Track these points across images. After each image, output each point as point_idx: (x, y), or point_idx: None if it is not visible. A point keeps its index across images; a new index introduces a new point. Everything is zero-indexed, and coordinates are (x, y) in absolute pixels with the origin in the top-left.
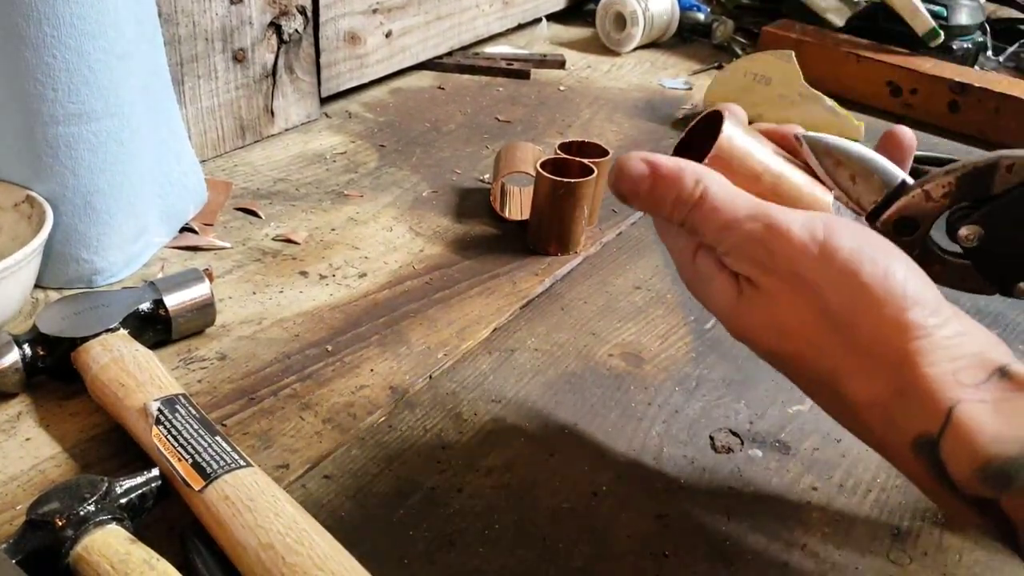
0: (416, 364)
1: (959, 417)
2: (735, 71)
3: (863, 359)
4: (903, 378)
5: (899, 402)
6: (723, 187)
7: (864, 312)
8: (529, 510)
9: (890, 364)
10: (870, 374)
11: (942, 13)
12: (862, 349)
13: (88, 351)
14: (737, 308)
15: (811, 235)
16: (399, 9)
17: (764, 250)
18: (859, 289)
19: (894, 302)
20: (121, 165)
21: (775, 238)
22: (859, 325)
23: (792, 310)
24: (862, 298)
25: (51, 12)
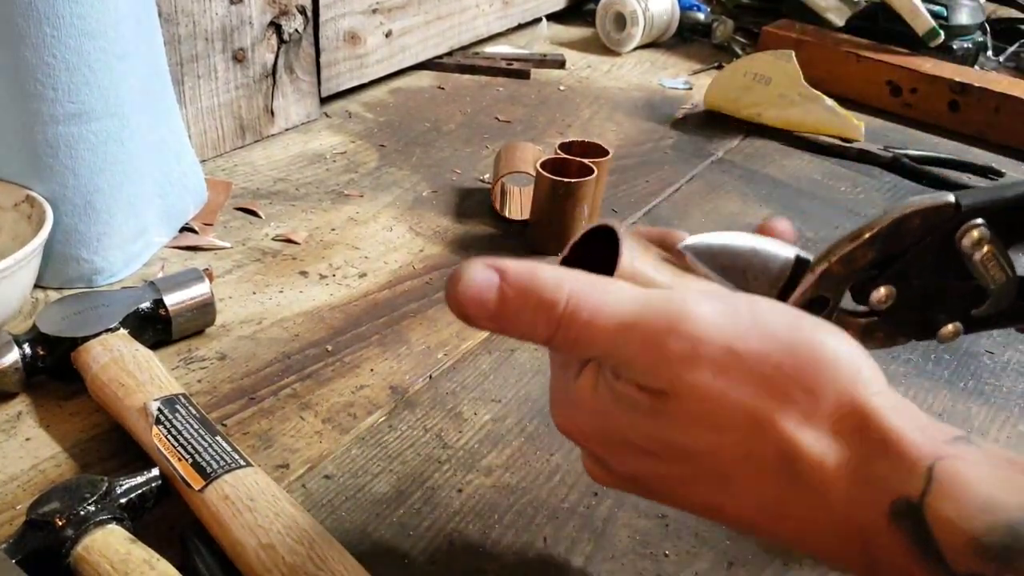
0: (416, 364)
1: (943, 475)
2: (735, 71)
3: (819, 424)
4: (869, 438)
5: (867, 468)
6: (594, 284)
7: (813, 374)
8: (529, 510)
9: (853, 425)
10: (830, 441)
11: (942, 13)
12: (819, 415)
13: (88, 351)
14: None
15: (734, 308)
16: (399, 9)
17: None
18: (806, 353)
19: (843, 365)
20: (121, 165)
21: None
22: (813, 389)
23: (728, 392)
24: (809, 362)
25: (51, 12)
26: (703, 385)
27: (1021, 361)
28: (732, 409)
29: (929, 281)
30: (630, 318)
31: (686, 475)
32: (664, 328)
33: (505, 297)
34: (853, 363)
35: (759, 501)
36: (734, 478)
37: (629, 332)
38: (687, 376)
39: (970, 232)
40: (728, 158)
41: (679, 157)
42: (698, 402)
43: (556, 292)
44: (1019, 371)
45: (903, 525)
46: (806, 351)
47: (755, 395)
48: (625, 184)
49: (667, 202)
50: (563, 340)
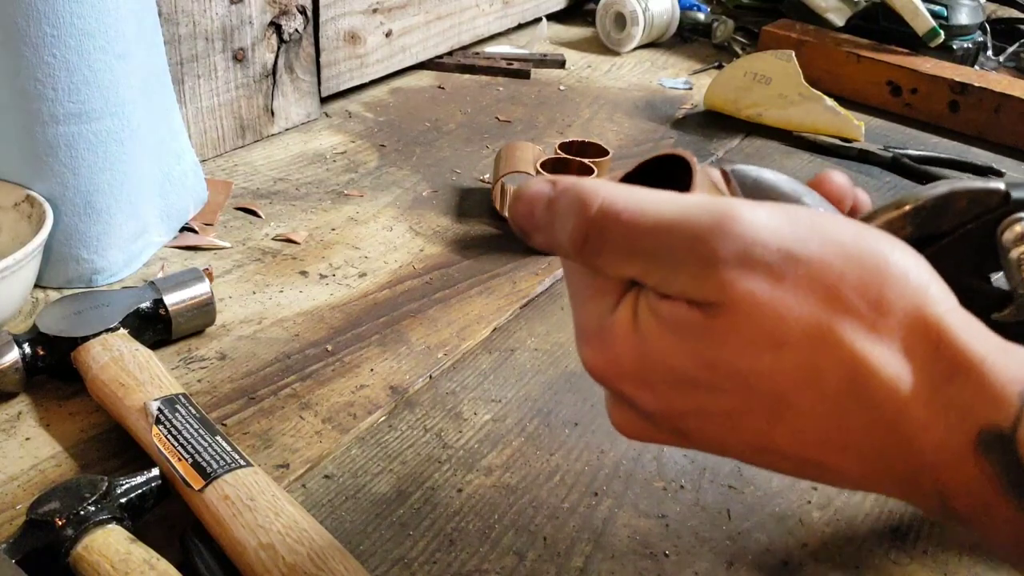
0: (416, 364)
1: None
2: (735, 71)
3: (890, 341)
4: (947, 359)
5: (947, 392)
6: (635, 191)
7: (880, 286)
8: (529, 510)
9: (927, 343)
10: (903, 360)
11: (942, 13)
12: (888, 330)
13: (88, 351)
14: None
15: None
16: (399, 9)
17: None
18: (872, 263)
19: (912, 279)
20: (121, 164)
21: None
22: (880, 303)
23: (787, 301)
24: (876, 272)
25: (51, 11)
26: (758, 294)
27: None
28: (792, 321)
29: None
30: (674, 217)
31: (737, 407)
32: (712, 228)
33: (551, 201)
34: (922, 277)
35: (820, 432)
36: (792, 405)
37: (672, 231)
38: (740, 283)
39: (1014, 226)
40: (728, 158)
41: None
42: (754, 314)
43: (593, 192)
44: None
45: (992, 458)
46: (871, 261)
47: (817, 305)
48: None
49: None
50: (598, 243)
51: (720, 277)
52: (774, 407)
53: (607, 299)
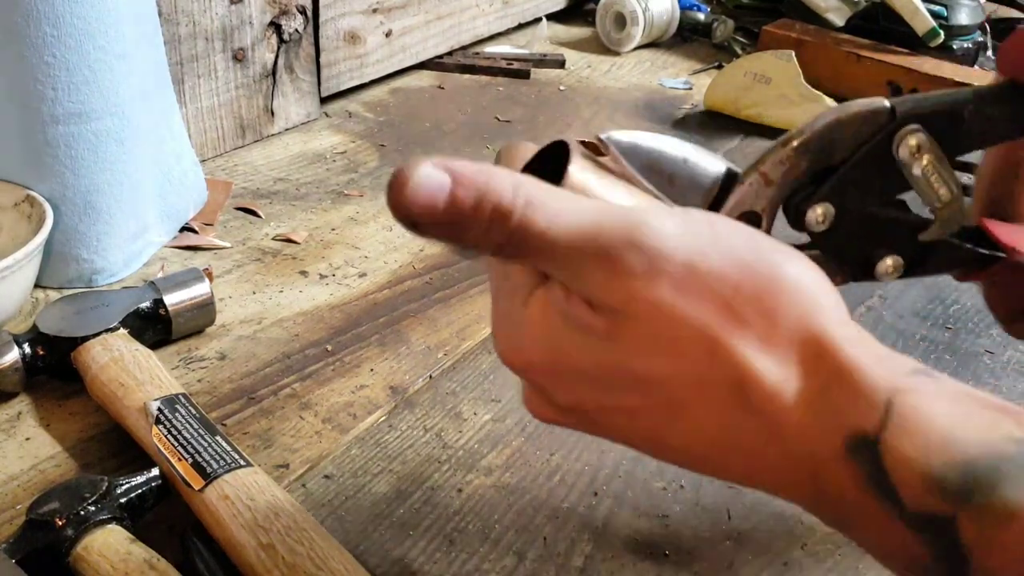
0: (416, 364)
1: (902, 409)
2: (735, 71)
3: (776, 351)
4: (827, 368)
5: (823, 399)
6: (552, 193)
7: (772, 298)
8: (529, 510)
9: (811, 353)
10: (786, 369)
11: (942, 13)
12: (776, 340)
13: (88, 351)
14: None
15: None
16: (399, 9)
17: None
18: (766, 276)
19: (804, 291)
20: (121, 164)
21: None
22: (770, 314)
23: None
24: (768, 285)
25: (51, 11)
26: (659, 302)
27: (1021, 361)
28: (688, 330)
29: (868, 203)
30: (588, 228)
31: (634, 406)
32: (623, 241)
33: (456, 200)
34: (813, 290)
35: (708, 433)
36: (684, 408)
37: (586, 243)
38: (644, 292)
39: (907, 139)
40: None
41: None
42: (653, 321)
43: (513, 198)
44: (1019, 371)
45: (858, 460)
46: (766, 274)
47: (712, 316)
48: None
49: None
50: (516, 249)
51: (626, 286)
52: (668, 409)
53: (519, 292)
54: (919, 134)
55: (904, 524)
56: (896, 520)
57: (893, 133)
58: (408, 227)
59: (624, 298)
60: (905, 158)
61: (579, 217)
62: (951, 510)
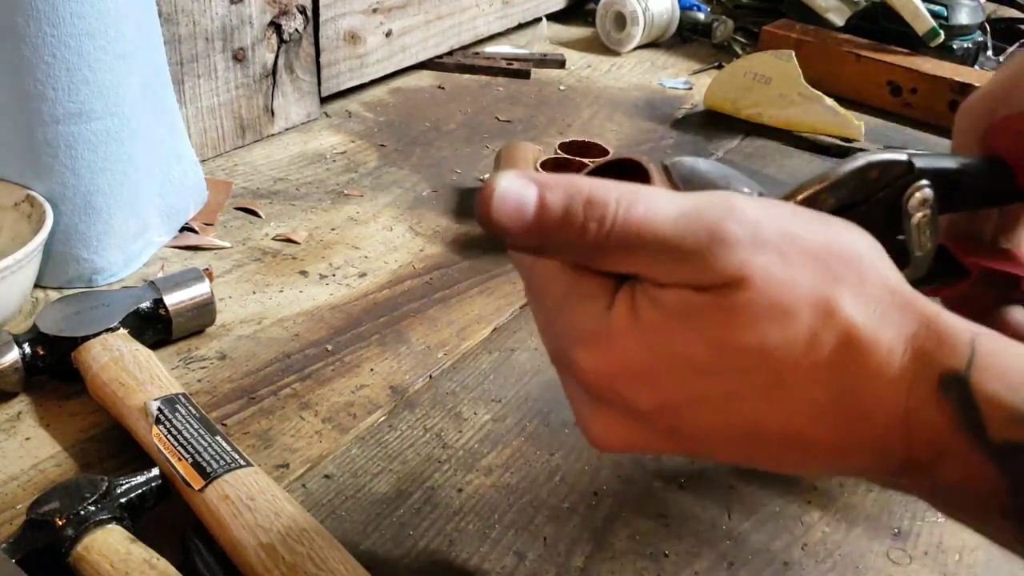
0: (416, 364)
1: (984, 350)
2: (735, 71)
3: (870, 301)
4: (915, 315)
5: (917, 342)
6: (640, 189)
7: (857, 259)
8: (529, 510)
9: (898, 303)
10: (882, 317)
11: (942, 13)
12: (868, 293)
13: (88, 351)
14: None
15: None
16: (399, 8)
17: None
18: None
19: (876, 254)
20: (121, 164)
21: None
22: (859, 271)
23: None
24: (849, 248)
25: (51, 11)
26: (771, 269)
27: None
28: (800, 293)
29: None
30: (689, 211)
31: (733, 390)
32: (725, 216)
33: (546, 204)
34: (882, 253)
35: (810, 402)
36: (788, 380)
37: (690, 224)
38: (754, 260)
39: (918, 192)
40: (728, 158)
41: None
42: (766, 287)
43: (606, 192)
44: None
45: (950, 397)
46: (845, 239)
47: (816, 277)
48: None
49: None
50: (619, 239)
51: (738, 257)
52: (769, 386)
53: (598, 300)
54: (927, 190)
55: (988, 456)
56: (982, 454)
57: (908, 185)
58: (501, 238)
59: (736, 268)
60: (911, 208)
61: (676, 204)
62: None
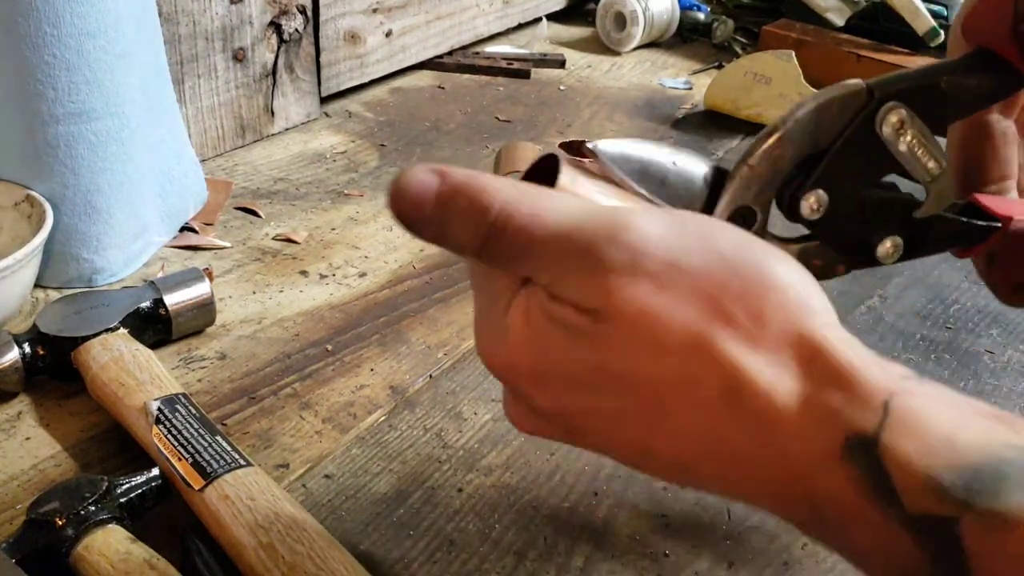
0: (416, 364)
1: (900, 410)
2: (735, 71)
3: (766, 351)
4: (820, 369)
5: (819, 400)
6: (536, 192)
7: (760, 298)
8: (529, 510)
9: (802, 355)
10: (778, 370)
11: (942, 13)
12: (765, 341)
13: (88, 350)
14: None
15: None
16: (399, 8)
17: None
18: (754, 276)
19: (792, 292)
20: (121, 164)
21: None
22: (759, 314)
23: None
24: (756, 285)
25: (51, 11)
26: (641, 300)
27: (1021, 361)
28: (672, 328)
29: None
30: (569, 225)
31: (618, 409)
32: (604, 237)
33: (440, 196)
34: (803, 291)
35: (696, 437)
36: (671, 411)
37: (567, 240)
38: (625, 290)
39: (889, 116)
40: (728, 158)
41: None
42: (637, 320)
43: (492, 195)
44: (1019, 371)
45: (857, 462)
46: (754, 273)
47: (697, 314)
48: None
49: None
50: (495, 247)
51: (607, 284)
52: (654, 412)
53: (502, 297)
54: (900, 110)
55: (904, 528)
56: (896, 524)
57: (875, 112)
58: (404, 226)
59: (605, 296)
60: (889, 136)
61: (561, 215)
62: (954, 513)
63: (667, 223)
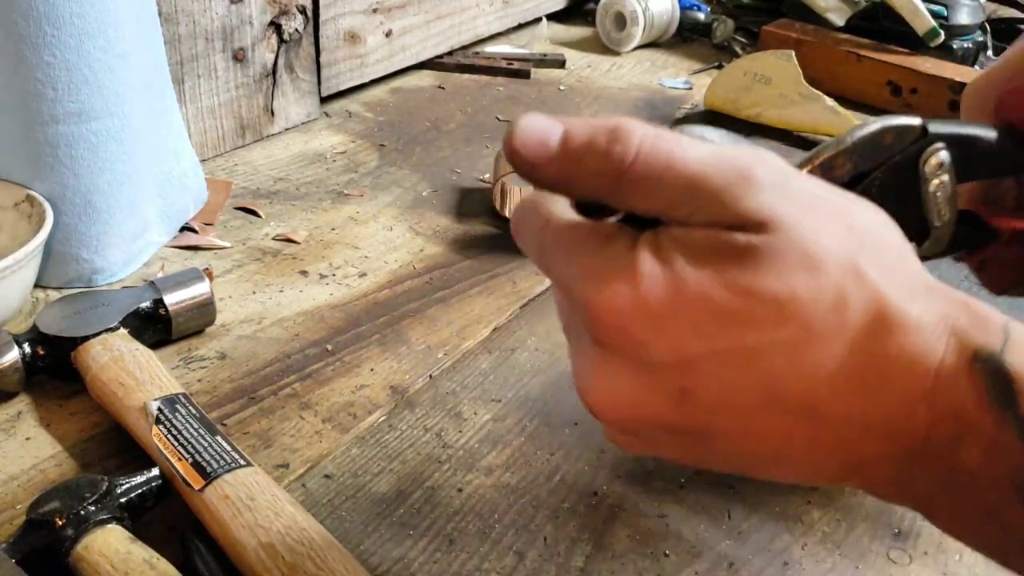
0: (416, 364)
1: (1018, 332)
2: (735, 71)
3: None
4: (941, 298)
5: (950, 320)
6: (670, 134)
7: (883, 238)
8: (529, 510)
9: (927, 285)
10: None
11: (942, 13)
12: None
13: (88, 350)
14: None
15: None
16: (399, 8)
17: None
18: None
19: (900, 239)
20: (121, 164)
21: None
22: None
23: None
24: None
25: (51, 11)
26: (797, 216)
27: None
28: (827, 247)
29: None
30: (715, 151)
31: (757, 345)
32: (753, 160)
33: (570, 135)
34: (905, 241)
35: (833, 370)
36: (814, 338)
37: (719, 160)
38: (781, 205)
39: (934, 156)
40: None
41: None
42: (793, 235)
43: (631, 127)
44: None
45: (985, 371)
46: (868, 216)
47: (845, 239)
48: None
49: None
50: (643, 170)
51: (769, 197)
52: (798, 340)
53: (620, 241)
54: (942, 153)
55: (1017, 433)
56: (1010, 429)
57: (923, 149)
58: (526, 173)
59: (767, 208)
60: (927, 173)
61: (703, 147)
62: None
63: (784, 163)
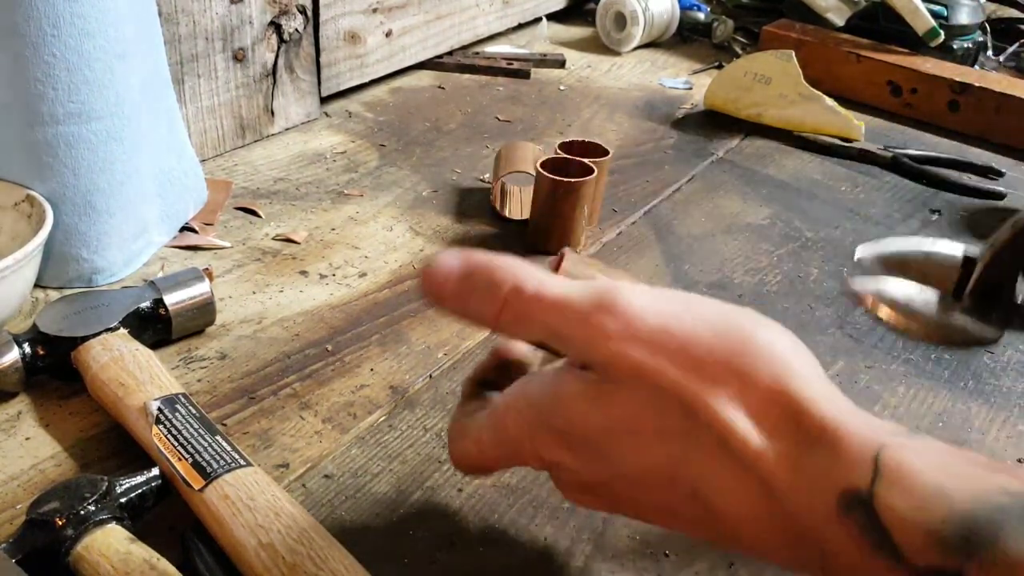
0: (416, 363)
1: (890, 464)
2: (735, 71)
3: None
4: (805, 428)
5: (807, 459)
6: (542, 272)
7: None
8: (529, 510)
9: (787, 414)
10: (767, 427)
11: (942, 13)
12: (751, 401)
13: (88, 350)
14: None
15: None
16: (399, 8)
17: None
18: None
19: (776, 354)
20: (121, 164)
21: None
22: (744, 375)
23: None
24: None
25: (51, 11)
26: (636, 362)
27: (1021, 361)
28: (665, 388)
29: None
30: (569, 297)
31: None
32: (598, 307)
33: (463, 275)
34: (786, 353)
35: (710, 492)
36: (683, 466)
37: (567, 309)
38: (621, 353)
39: None
40: (728, 158)
41: (679, 157)
42: (633, 380)
43: (506, 273)
44: (1019, 371)
45: (854, 518)
46: (737, 337)
47: (687, 376)
48: (625, 184)
49: (667, 202)
50: (508, 316)
51: (605, 347)
52: (668, 467)
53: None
54: None
55: None
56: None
57: None
58: (433, 301)
59: (606, 357)
60: None
61: (562, 289)
62: (957, 564)
63: (655, 295)
